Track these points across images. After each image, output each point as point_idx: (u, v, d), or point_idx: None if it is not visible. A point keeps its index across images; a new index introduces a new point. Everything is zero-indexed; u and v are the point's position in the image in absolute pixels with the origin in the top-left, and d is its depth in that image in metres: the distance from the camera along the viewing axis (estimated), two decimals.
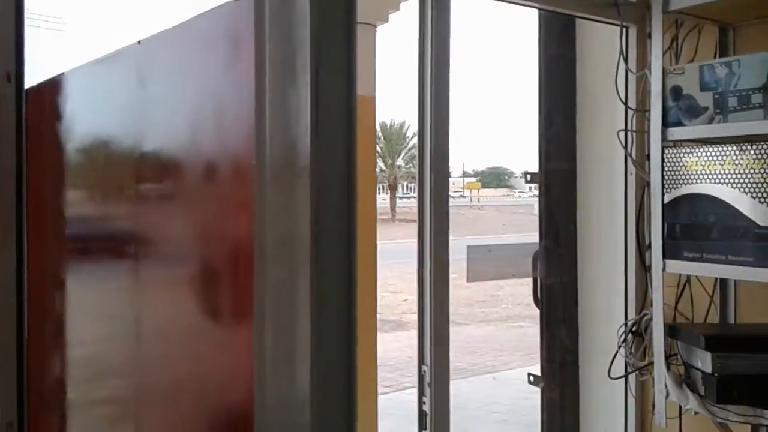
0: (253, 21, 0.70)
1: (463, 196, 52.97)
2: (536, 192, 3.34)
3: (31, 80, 1.50)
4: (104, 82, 1.27)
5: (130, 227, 1.18)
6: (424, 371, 2.22)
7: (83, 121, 1.36)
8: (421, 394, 2.24)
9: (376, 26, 5.63)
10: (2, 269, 1.37)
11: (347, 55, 0.62)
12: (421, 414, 2.23)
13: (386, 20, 5.61)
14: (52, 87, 1.45)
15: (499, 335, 10.69)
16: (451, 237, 2.31)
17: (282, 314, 0.68)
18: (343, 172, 0.63)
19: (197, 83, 0.93)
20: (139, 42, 1.12)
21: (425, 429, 2.21)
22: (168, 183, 1.05)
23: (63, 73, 1.46)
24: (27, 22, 1.48)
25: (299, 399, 0.63)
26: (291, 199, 0.65)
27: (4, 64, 1.39)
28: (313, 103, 0.61)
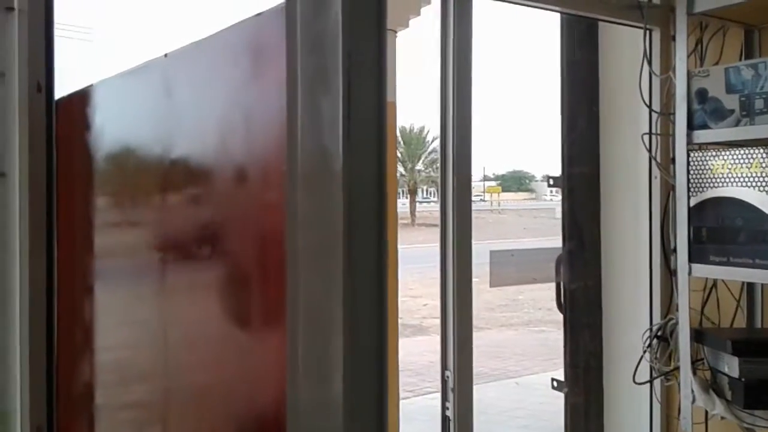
0: (285, 31, 0.71)
1: (484, 200, 52.79)
2: (557, 196, 3.32)
3: (60, 89, 1.53)
4: (132, 93, 1.29)
5: (160, 234, 1.20)
6: (448, 376, 2.22)
7: (112, 131, 1.38)
8: (444, 399, 2.23)
9: (396, 32, 5.64)
10: (33, 276, 1.39)
11: (378, 62, 0.63)
12: (445, 419, 2.22)
13: (407, 26, 5.62)
14: (82, 98, 1.48)
15: (520, 340, 10.64)
16: (472, 242, 2.30)
17: (314, 319, 0.69)
18: (375, 178, 0.64)
19: (225, 93, 0.95)
20: (165, 55, 1.13)
21: None
22: (197, 190, 1.06)
23: (92, 85, 1.48)
24: (56, 32, 1.51)
25: (332, 404, 0.64)
26: (323, 205, 0.66)
27: (34, 74, 1.41)
28: (345, 110, 0.62)
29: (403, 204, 41.51)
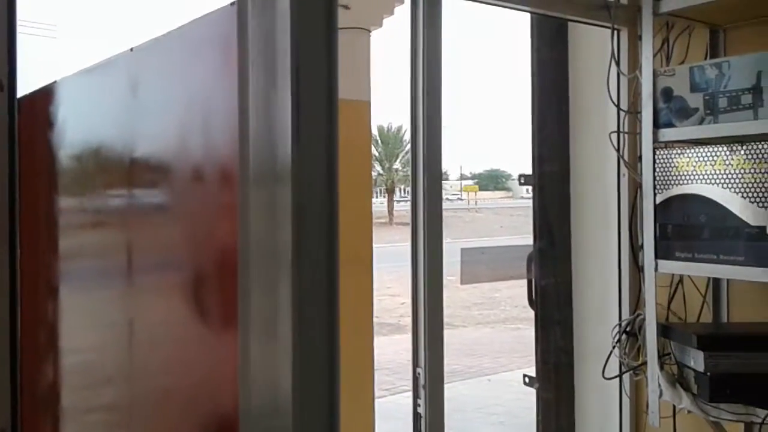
0: (236, 27, 0.71)
1: (461, 199, 52.97)
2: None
3: (24, 87, 1.51)
4: (95, 89, 1.28)
5: (119, 234, 1.19)
6: (419, 373, 2.23)
7: (75, 129, 1.37)
8: (415, 396, 2.25)
9: (370, 31, 5.63)
10: None
11: (328, 60, 0.63)
12: (416, 416, 2.23)
13: (381, 25, 5.62)
14: (45, 95, 1.46)
15: (497, 337, 10.70)
16: (448, 240, 2.32)
17: (264, 320, 0.69)
18: (324, 176, 0.64)
19: (186, 90, 0.94)
20: (131, 49, 1.13)
21: (420, 431, 2.22)
22: (156, 189, 1.06)
23: (55, 82, 1.47)
24: (19, 29, 1.49)
25: (282, 405, 0.64)
26: (274, 204, 0.66)
27: None
28: (294, 108, 0.62)
29: (381, 203, 41.53)
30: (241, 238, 0.72)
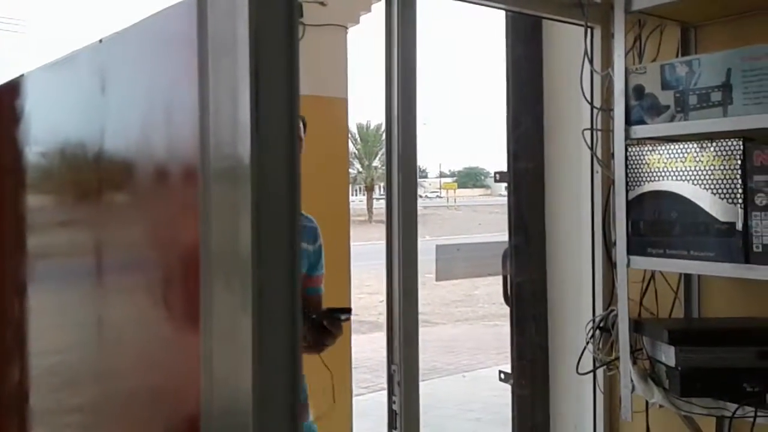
0: (196, 21, 0.70)
1: (440, 197, 53.12)
2: None
3: None
4: (60, 83, 1.26)
5: (82, 232, 1.17)
6: (394, 370, 2.23)
7: (41, 123, 1.34)
8: (390, 393, 2.25)
9: (347, 28, 5.62)
10: None
11: (288, 54, 0.62)
12: (391, 413, 2.23)
13: (357, 22, 5.62)
14: (10, 89, 1.44)
15: (475, 334, 10.75)
16: (427, 237, 2.33)
17: (226, 319, 0.68)
18: (285, 174, 0.63)
19: (149, 86, 0.93)
20: (100, 41, 1.11)
21: (395, 428, 2.22)
22: (118, 186, 1.04)
23: (21, 75, 1.44)
24: None
25: (242, 405, 0.63)
26: (235, 203, 0.65)
27: None
28: (252, 104, 0.61)
29: (360, 201, 41.50)
30: (203, 237, 0.71)
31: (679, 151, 2.22)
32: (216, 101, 0.68)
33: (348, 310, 2.01)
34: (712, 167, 2.13)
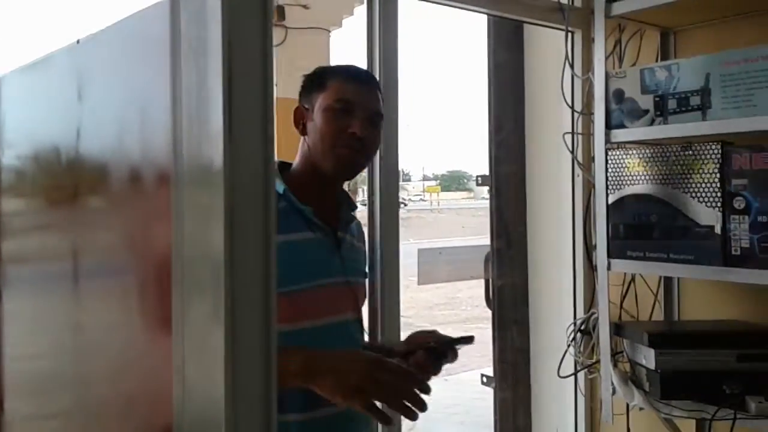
0: (169, 22, 0.69)
1: (423, 200, 53.20)
2: None
3: None
4: (37, 85, 1.24)
5: (57, 236, 1.15)
6: None
7: (14, 127, 1.33)
8: None
9: (330, 31, 5.60)
10: None
11: (263, 56, 0.61)
12: None
13: (340, 25, 5.60)
14: None
15: None
16: (410, 241, 2.32)
17: (199, 326, 0.67)
18: (260, 178, 0.62)
19: (127, 87, 0.92)
20: (78, 41, 1.09)
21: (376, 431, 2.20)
22: (93, 191, 1.03)
23: None
24: None
25: (215, 414, 0.62)
26: (207, 207, 0.64)
27: None
28: (225, 107, 0.60)
29: None
30: (176, 242, 0.70)
31: (659, 154, 2.24)
32: (189, 105, 0.67)
33: (471, 339, 1.82)
34: (691, 170, 2.15)
